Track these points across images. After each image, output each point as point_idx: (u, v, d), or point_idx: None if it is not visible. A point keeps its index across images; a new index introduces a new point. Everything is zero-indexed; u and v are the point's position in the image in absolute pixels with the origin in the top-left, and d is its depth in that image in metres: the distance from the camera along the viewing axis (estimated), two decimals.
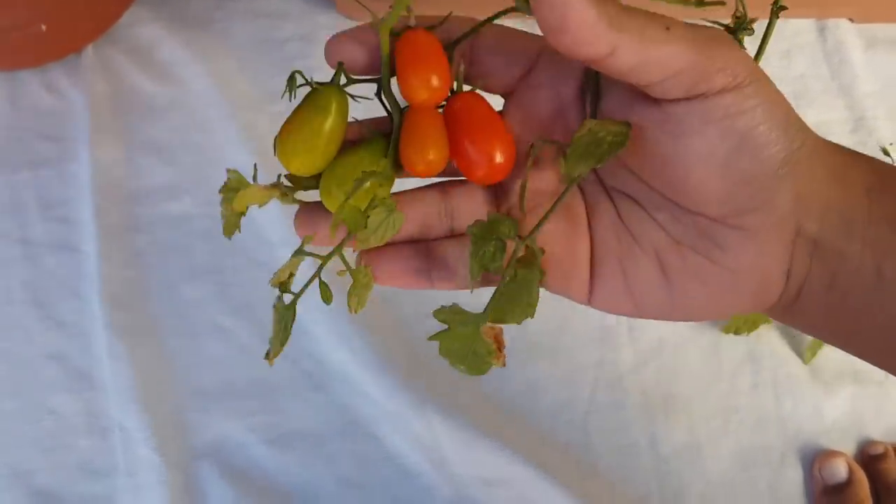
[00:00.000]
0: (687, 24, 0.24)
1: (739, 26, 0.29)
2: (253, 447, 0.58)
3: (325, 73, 0.28)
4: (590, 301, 0.29)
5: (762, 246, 0.26)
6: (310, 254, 0.27)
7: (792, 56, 0.68)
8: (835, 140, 0.67)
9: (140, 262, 0.62)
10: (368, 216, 0.26)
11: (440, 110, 0.28)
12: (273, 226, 0.61)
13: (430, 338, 0.27)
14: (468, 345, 0.27)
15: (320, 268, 0.27)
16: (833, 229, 0.26)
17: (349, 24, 0.68)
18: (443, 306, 0.27)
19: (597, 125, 0.25)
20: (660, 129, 0.25)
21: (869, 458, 0.59)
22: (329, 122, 0.26)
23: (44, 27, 0.59)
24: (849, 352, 0.29)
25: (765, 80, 0.24)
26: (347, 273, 0.28)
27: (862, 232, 0.26)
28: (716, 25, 0.27)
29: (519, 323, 0.26)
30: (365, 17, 0.26)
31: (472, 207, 0.30)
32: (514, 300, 0.26)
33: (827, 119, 0.67)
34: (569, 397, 0.60)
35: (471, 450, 0.57)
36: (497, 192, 0.30)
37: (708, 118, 0.24)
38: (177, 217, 0.62)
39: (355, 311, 0.28)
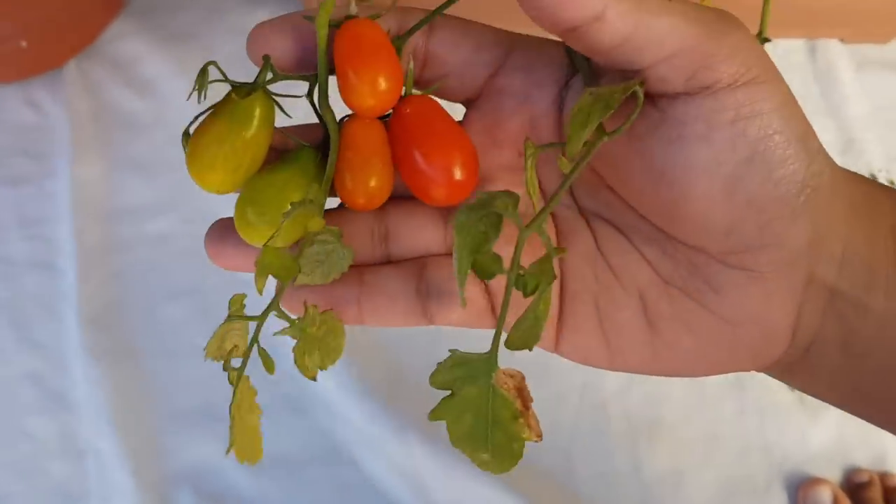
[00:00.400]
0: (692, 1, 0.20)
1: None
2: (230, 472, 0.58)
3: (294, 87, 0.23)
4: (556, 348, 0.25)
5: (767, 293, 0.21)
6: (245, 318, 0.22)
7: (783, 76, 0.67)
8: None
9: (118, 282, 0.61)
10: (301, 260, 0.21)
11: (384, 119, 0.23)
12: None
13: (432, 417, 0.21)
14: (483, 412, 0.20)
15: (255, 335, 0.22)
16: (853, 278, 0.21)
17: None
18: (440, 363, 0.20)
19: (601, 89, 0.20)
20: (655, 135, 0.21)
21: (854, 486, 0.58)
22: (250, 134, 0.21)
23: (24, 43, 0.58)
24: (862, 418, 0.25)
25: (782, 81, 0.20)
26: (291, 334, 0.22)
27: (885, 282, 0.21)
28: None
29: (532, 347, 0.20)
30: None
31: (413, 230, 0.24)
32: (526, 316, 0.19)
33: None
34: (552, 422, 0.59)
35: (451, 476, 0.56)
36: (448, 215, 0.24)
37: (714, 120, 0.20)
38: (156, 236, 0.62)
39: (313, 376, 0.23)
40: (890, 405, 0.23)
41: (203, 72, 0.22)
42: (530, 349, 0.20)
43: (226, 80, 0.22)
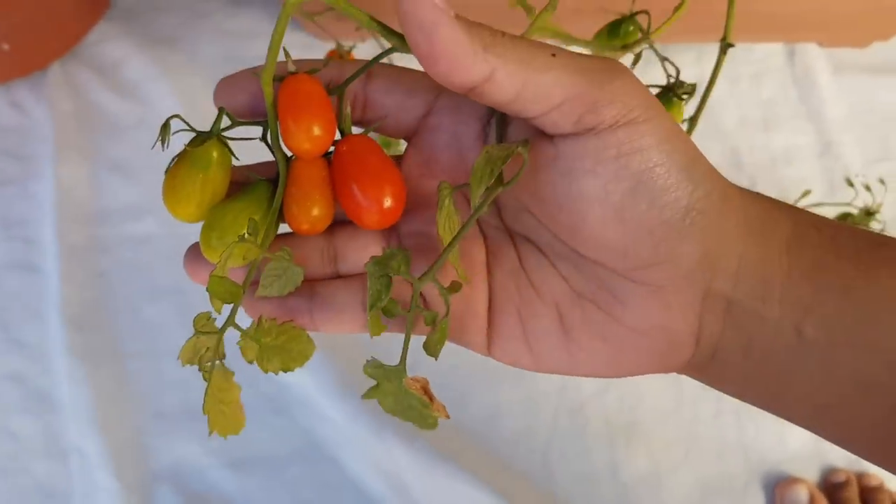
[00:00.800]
0: (579, 53, 0.22)
1: (676, 88, 0.28)
2: (212, 471, 0.58)
3: None
4: (489, 352, 0.27)
5: (667, 305, 0.24)
6: (209, 332, 0.25)
7: (761, 80, 0.68)
8: (803, 165, 0.67)
9: (102, 282, 0.61)
10: (243, 288, 0.24)
11: (328, 156, 0.26)
12: None
13: (365, 396, 0.26)
14: (402, 400, 0.25)
15: (217, 346, 0.25)
16: (748, 290, 0.23)
17: (316, 44, 0.68)
18: (367, 360, 0.25)
19: (494, 148, 0.23)
20: (553, 167, 0.23)
21: (832, 486, 0.59)
22: (209, 174, 0.25)
23: (6, 46, 0.59)
24: (774, 414, 0.26)
25: (665, 119, 0.22)
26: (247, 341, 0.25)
27: (780, 292, 0.23)
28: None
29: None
30: (331, 37, 0.26)
31: (357, 250, 0.27)
32: (431, 336, 0.24)
33: (795, 143, 0.67)
34: (530, 424, 0.60)
35: (431, 476, 0.57)
36: (388, 235, 0.28)
37: (599, 156, 0.22)
38: (139, 237, 0.62)
39: (275, 370, 0.26)
40: (792, 402, 0.25)
41: (165, 125, 0.25)
42: (436, 358, 0.25)
43: (190, 128, 0.26)
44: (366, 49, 0.65)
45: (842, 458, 0.60)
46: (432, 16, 0.20)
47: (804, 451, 0.60)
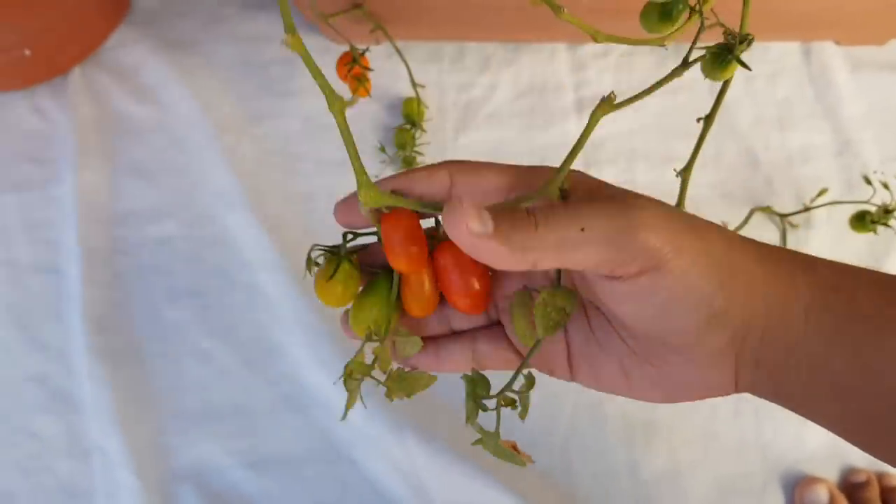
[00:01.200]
0: (606, 214, 0.26)
1: (737, 41, 0.30)
2: (232, 470, 0.59)
3: (308, 95, 0.46)
4: (573, 379, 0.34)
5: (704, 369, 0.29)
6: (355, 378, 0.32)
7: (777, 79, 0.68)
8: (820, 164, 0.67)
9: (122, 284, 0.62)
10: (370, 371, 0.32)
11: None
12: (254, 249, 0.61)
13: (474, 443, 0.30)
14: (499, 449, 0.30)
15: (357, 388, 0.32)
16: (772, 354, 0.28)
17: (332, 47, 0.68)
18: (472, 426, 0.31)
19: (548, 296, 0.30)
20: (600, 288, 0.29)
21: (851, 485, 0.59)
22: (343, 283, 0.33)
23: (28, 52, 0.60)
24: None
25: (683, 256, 0.26)
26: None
27: (798, 349, 0.28)
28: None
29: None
30: (345, 40, 0.27)
31: (463, 319, 0.35)
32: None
33: (812, 142, 0.66)
34: (549, 422, 0.60)
35: (449, 475, 0.57)
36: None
37: (628, 296, 0.28)
38: (159, 240, 0.63)
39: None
40: (840, 427, 0.30)
41: (308, 258, 0.33)
42: (523, 420, 0.31)
43: (327, 249, 0.34)
44: (380, 51, 0.66)
45: (862, 459, 0.60)
46: (472, 240, 0.25)
47: (823, 450, 0.60)
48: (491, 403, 0.31)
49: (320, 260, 0.34)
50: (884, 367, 0.27)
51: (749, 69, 0.33)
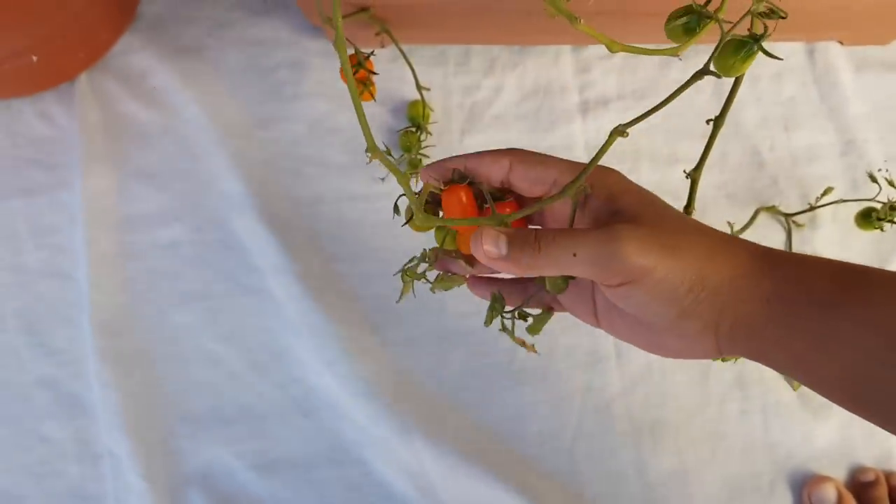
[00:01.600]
0: (594, 242, 0.33)
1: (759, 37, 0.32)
2: (241, 473, 0.59)
3: (315, 99, 0.55)
4: (599, 327, 0.41)
5: (687, 341, 0.36)
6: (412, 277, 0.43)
7: (782, 79, 0.68)
8: (825, 163, 0.67)
9: (130, 288, 0.62)
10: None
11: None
12: (262, 252, 0.62)
13: (500, 330, 0.41)
14: (515, 338, 0.41)
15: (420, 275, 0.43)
16: (742, 333, 0.34)
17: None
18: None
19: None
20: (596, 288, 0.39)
21: (860, 484, 0.59)
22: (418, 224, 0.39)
23: (35, 58, 0.60)
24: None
25: (657, 270, 0.33)
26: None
27: (761, 331, 0.34)
28: None
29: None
30: (350, 44, 0.28)
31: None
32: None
33: (817, 141, 0.66)
34: (556, 423, 0.60)
35: (457, 476, 0.57)
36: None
37: (615, 296, 0.35)
38: (167, 244, 0.63)
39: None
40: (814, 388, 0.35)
41: (396, 206, 0.40)
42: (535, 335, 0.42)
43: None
44: (385, 54, 0.66)
45: (870, 457, 0.60)
46: (491, 260, 0.34)
47: (831, 449, 0.60)
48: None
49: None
50: (835, 346, 0.32)
51: (777, 58, 0.35)
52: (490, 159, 0.39)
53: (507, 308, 0.41)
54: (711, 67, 0.34)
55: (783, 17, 0.34)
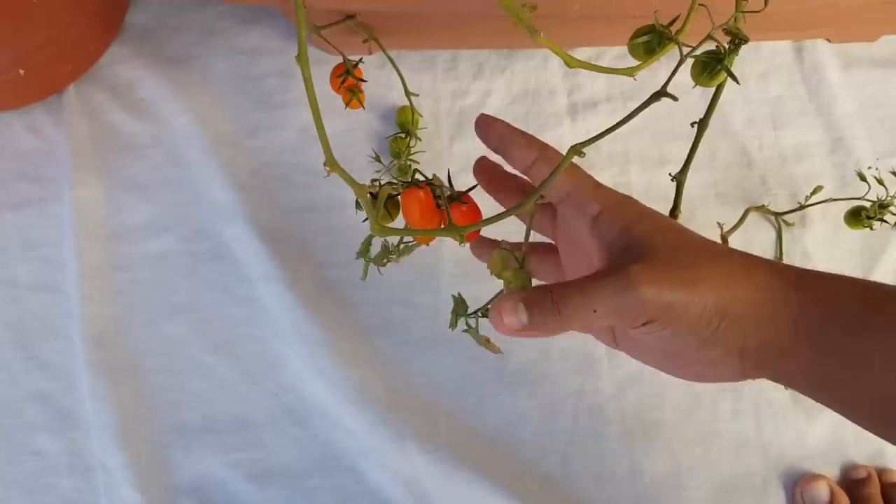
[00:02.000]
0: (611, 292, 0.33)
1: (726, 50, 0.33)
2: (234, 483, 0.59)
3: (303, 107, 0.43)
4: (618, 349, 0.42)
5: (711, 367, 0.36)
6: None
7: (769, 77, 0.68)
8: (814, 162, 0.67)
9: (121, 300, 0.62)
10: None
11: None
12: (253, 261, 0.62)
13: (465, 331, 0.40)
14: (479, 337, 0.39)
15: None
16: (769, 358, 0.34)
17: (325, 58, 0.68)
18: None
19: (512, 274, 0.37)
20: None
21: (852, 482, 0.59)
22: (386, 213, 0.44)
23: (22, 72, 0.60)
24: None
25: (676, 306, 0.33)
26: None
27: (789, 354, 0.34)
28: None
29: None
30: (338, 51, 0.29)
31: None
32: None
33: (805, 140, 0.66)
34: (549, 427, 0.60)
35: (451, 483, 0.57)
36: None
37: (637, 339, 0.37)
38: (157, 255, 0.63)
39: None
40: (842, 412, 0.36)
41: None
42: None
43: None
44: (373, 61, 0.66)
45: (862, 455, 0.60)
46: (515, 332, 0.34)
47: (824, 447, 0.60)
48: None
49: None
50: (866, 370, 0.32)
51: (737, 82, 0.35)
52: (524, 143, 0.41)
53: (471, 310, 0.40)
54: (685, 70, 0.34)
55: (745, 42, 0.35)
